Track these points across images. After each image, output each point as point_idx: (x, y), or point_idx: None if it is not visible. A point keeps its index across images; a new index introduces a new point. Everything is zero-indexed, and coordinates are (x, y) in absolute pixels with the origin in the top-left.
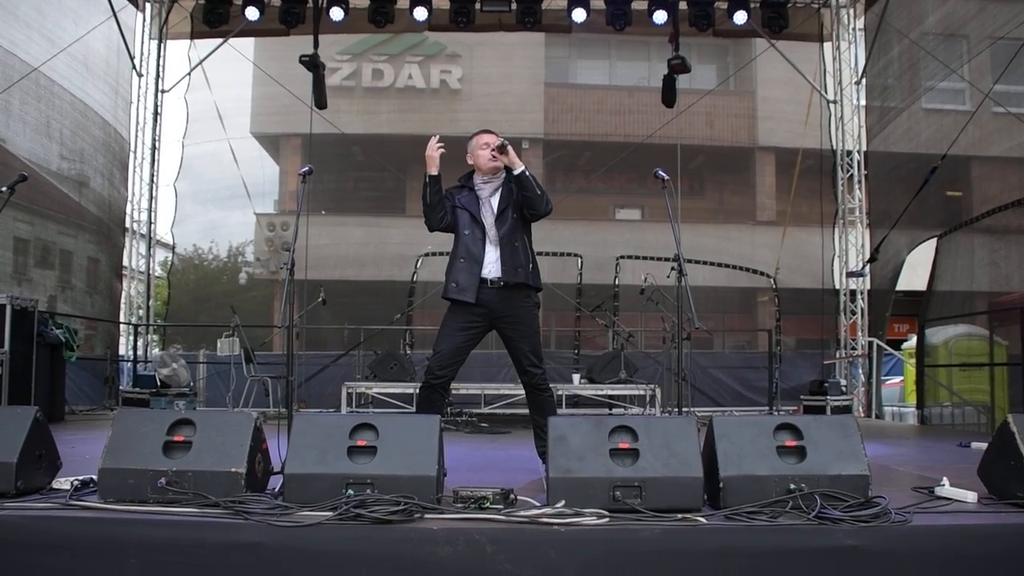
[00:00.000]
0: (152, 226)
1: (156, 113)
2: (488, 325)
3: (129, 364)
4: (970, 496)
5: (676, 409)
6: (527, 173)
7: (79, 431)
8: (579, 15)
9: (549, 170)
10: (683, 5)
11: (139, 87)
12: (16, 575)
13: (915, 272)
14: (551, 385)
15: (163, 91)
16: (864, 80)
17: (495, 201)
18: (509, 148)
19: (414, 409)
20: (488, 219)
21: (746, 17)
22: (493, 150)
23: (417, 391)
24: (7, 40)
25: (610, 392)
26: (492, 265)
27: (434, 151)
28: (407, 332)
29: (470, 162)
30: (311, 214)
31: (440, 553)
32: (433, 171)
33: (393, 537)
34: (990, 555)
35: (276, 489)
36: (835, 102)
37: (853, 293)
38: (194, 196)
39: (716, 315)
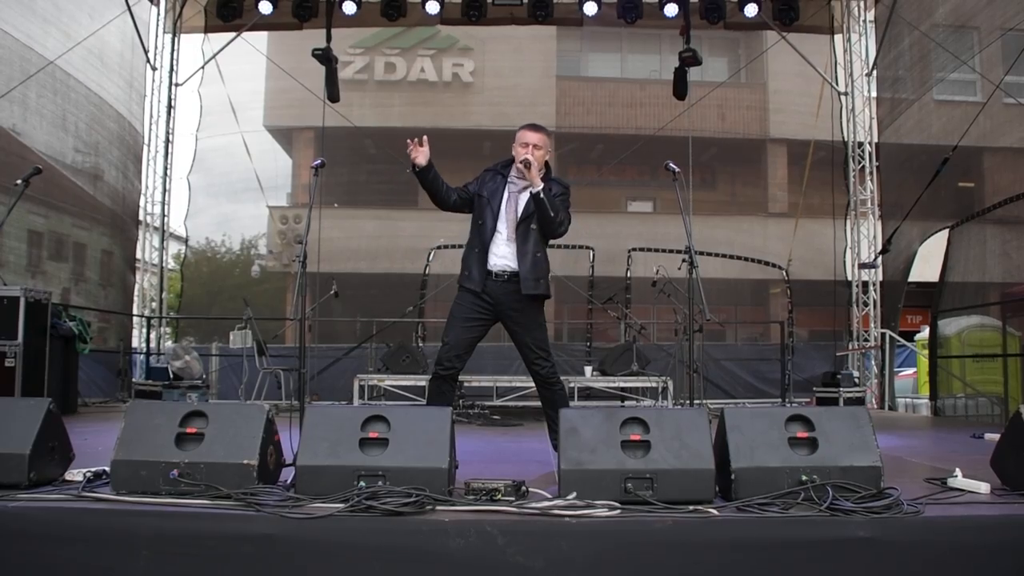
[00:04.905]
0: (165, 219)
1: (170, 107)
2: (494, 317)
3: (142, 356)
4: (983, 487)
5: (688, 401)
6: (542, 195)
7: (92, 423)
8: (590, 8)
9: (561, 163)
10: None
11: (153, 81)
12: (28, 566)
13: (927, 263)
14: (562, 378)
15: (177, 85)
16: (875, 72)
17: (523, 198)
18: (533, 166)
19: (425, 401)
20: (510, 214)
21: (757, 9)
22: (519, 163)
23: (427, 383)
24: (24, 34)
25: (622, 384)
26: (501, 259)
27: (415, 150)
28: (419, 325)
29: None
30: (323, 207)
31: (451, 545)
32: (416, 164)
33: (405, 529)
34: (1003, 546)
35: (288, 481)
36: (846, 94)
37: (865, 285)
38: (207, 189)
39: (728, 307)
